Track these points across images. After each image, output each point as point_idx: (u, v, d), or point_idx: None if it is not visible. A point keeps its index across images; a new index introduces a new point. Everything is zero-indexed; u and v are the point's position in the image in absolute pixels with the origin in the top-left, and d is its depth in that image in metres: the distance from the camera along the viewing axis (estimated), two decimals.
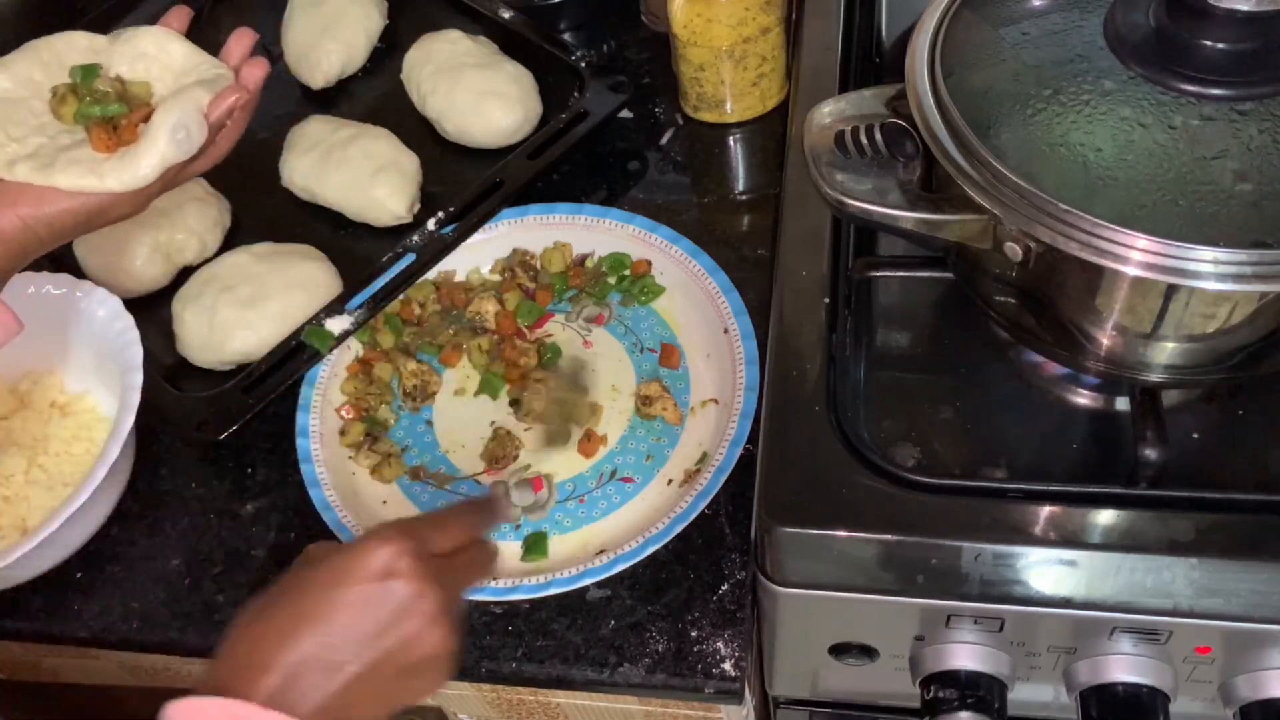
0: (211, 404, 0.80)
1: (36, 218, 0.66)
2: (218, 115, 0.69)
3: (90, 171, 0.66)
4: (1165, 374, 0.67)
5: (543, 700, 0.84)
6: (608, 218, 0.90)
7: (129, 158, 0.67)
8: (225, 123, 0.70)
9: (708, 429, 0.81)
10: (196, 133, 0.68)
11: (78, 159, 0.67)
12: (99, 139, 0.68)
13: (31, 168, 0.66)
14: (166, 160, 0.67)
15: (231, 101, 0.69)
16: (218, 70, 0.72)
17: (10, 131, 0.68)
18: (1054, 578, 0.63)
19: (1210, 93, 0.61)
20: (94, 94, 0.70)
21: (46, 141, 0.68)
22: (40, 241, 0.68)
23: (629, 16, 1.06)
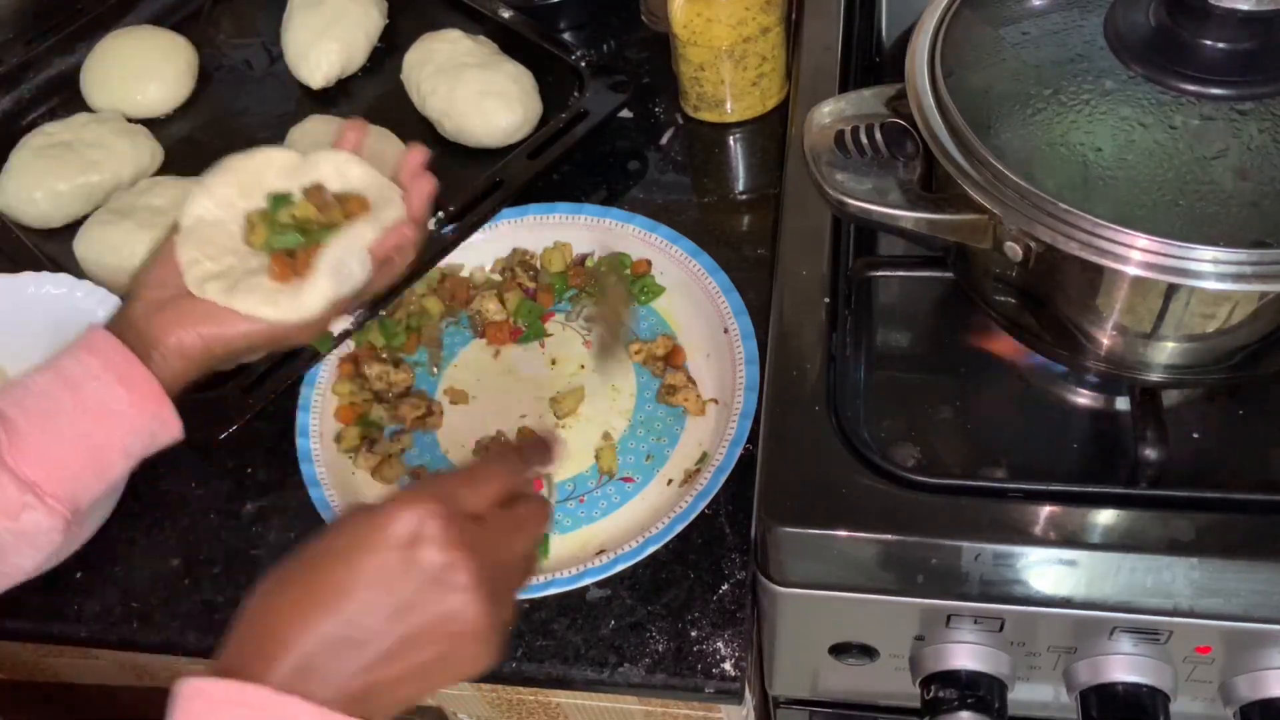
0: (211, 404, 0.80)
1: (215, 338, 0.69)
2: (383, 251, 0.72)
3: (266, 299, 0.69)
4: (1165, 374, 0.67)
5: (543, 700, 0.84)
6: (607, 217, 0.90)
7: (299, 290, 0.70)
8: (393, 256, 0.73)
9: (708, 429, 0.81)
10: (359, 270, 0.71)
11: (258, 285, 0.70)
12: (277, 268, 0.70)
13: (219, 288, 0.69)
14: (329, 296, 0.70)
15: (398, 238, 0.72)
16: (388, 194, 0.74)
17: (207, 251, 0.71)
18: (1054, 578, 0.63)
19: (1210, 92, 0.61)
20: (279, 225, 0.72)
21: (237, 263, 0.71)
22: (215, 359, 0.71)
23: (629, 16, 1.06)
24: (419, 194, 0.75)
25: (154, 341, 0.68)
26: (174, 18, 1.10)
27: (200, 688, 0.49)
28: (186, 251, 0.70)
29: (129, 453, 0.68)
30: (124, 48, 1.04)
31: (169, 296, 0.70)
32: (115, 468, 0.68)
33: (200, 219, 0.72)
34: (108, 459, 0.67)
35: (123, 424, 0.67)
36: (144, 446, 0.69)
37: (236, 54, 1.09)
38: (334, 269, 0.70)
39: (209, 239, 0.71)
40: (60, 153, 0.95)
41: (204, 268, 0.70)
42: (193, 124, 1.04)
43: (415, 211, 0.74)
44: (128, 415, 0.66)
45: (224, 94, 1.06)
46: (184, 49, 1.05)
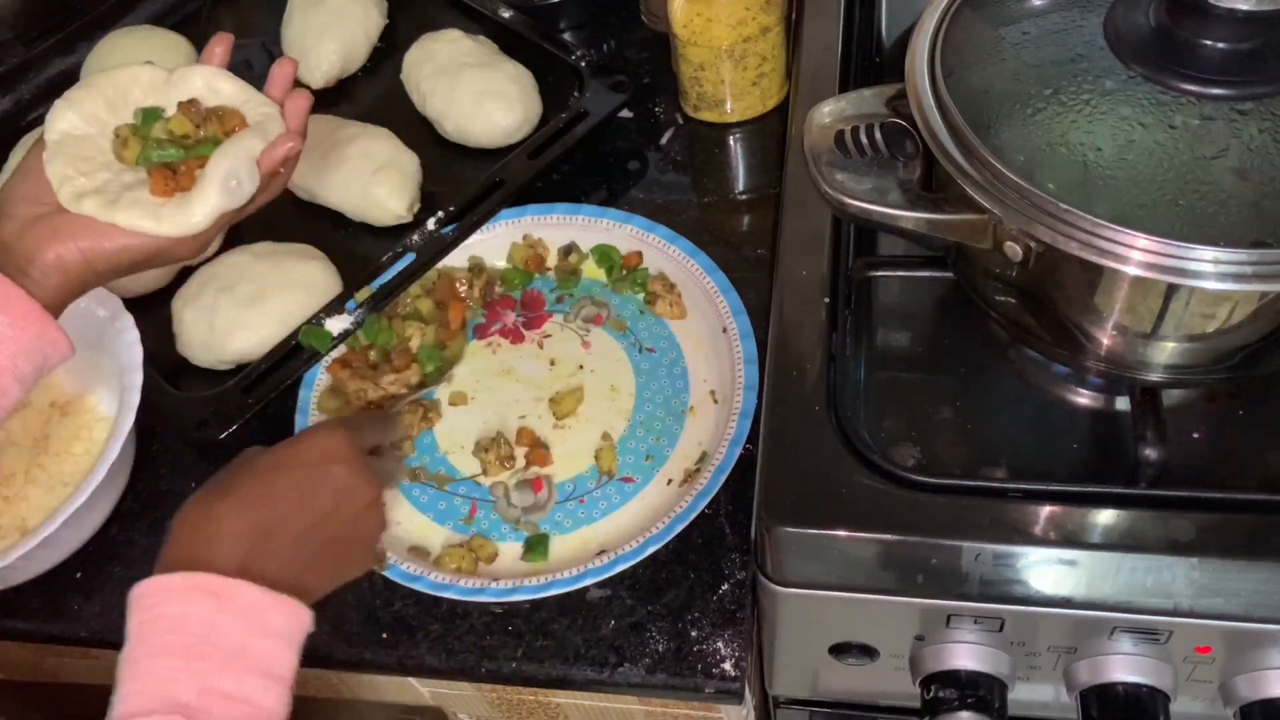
0: (211, 404, 0.80)
1: (96, 252, 0.68)
2: (270, 164, 0.71)
3: (149, 214, 0.68)
4: (1165, 374, 0.67)
5: (543, 700, 0.84)
6: (606, 217, 0.90)
7: (184, 204, 0.69)
8: (279, 170, 0.72)
9: (707, 428, 0.81)
10: (248, 182, 0.70)
11: (139, 199, 0.69)
12: (158, 183, 0.70)
13: (97, 204, 0.68)
14: (218, 209, 0.69)
15: (285, 150, 0.71)
16: (265, 109, 0.73)
17: (78, 166, 0.69)
18: (1054, 577, 0.63)
19: (1210, 92, 0.61)
20: (155, 140, 0.72)
21: (112, 178, 0.70)
22: (97, 275, 0.70)
23: (629, 16, 1.06)
24: (296, 108, 0.74)
25: (30, 259, 0.67)
26: (174, 18, 1.10)
27: (159, 583, 0.58)
28: (56, 168, 0.69)
29: (21, 376, 0.67)
30: (124, 48, 1.03)
31: (42, 213, 0.68)
32: (9, 393, 0.67)
33: (67, 134, 0.71)
34: (1, 384, 0.66)
35: (9, 347, 0.66)
36: (35, 368, 0.68)
37: (236, 54, 1.07)
38: (223, 182, 0.69)
39: (78, 154, 0.70)
40: None
41: (77, 183, 0.68)
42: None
43: (294, 125, 0.74)
44: (10, 338, 0.65)
45: None
46: (184, 49, 1.05)
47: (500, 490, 0.80)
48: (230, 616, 0.57)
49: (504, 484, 0.81)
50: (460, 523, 0.79)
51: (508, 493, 0.80)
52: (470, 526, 0.79)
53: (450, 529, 0.79)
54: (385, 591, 0.76)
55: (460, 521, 0.79)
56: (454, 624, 0.75)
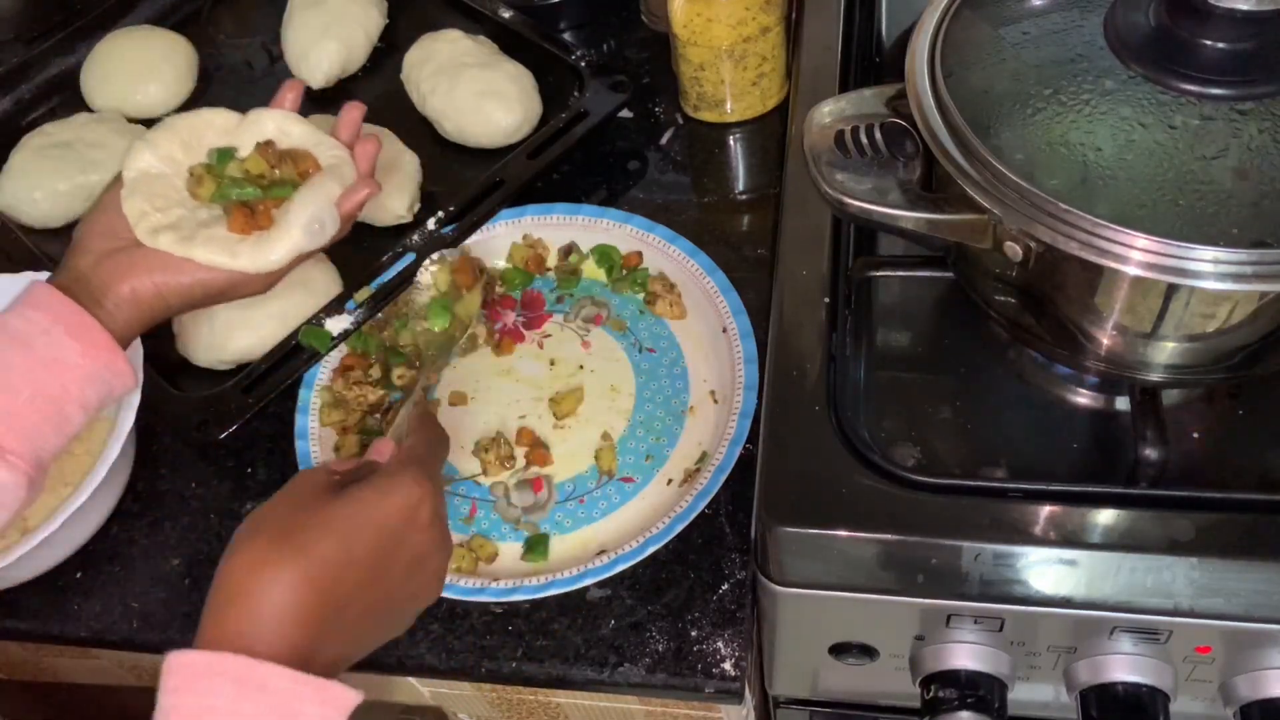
0: (211, 404, 0.80)
1: (170, 286, 0.71)
2: (350, 208, 0.74)
3: (226, 250, 0.71)
4: (1165, 374, 0.67)
5: (543, 700, 0.84)
6: (605, 217, 0.90)
7: (264, 242, 0.72)
8: (355, 214, 0.76)
9: (707, 428, 0.81)
10: (330, 225, 0.74)
11: (215, 236, 0.72)
12: (237, 221, 0.73)
13: (173, 239, 0.70)
14: (298, 249, 0.73)
15: (364, 196, 0.75)
16: (336, 152, 0.77)
17: (154, 203, 0.72)
18: (1054, 577, 0.63)
19: (1210, 92, 0.61)
20: (231, 178, 0.75)
21: (187, 215, 0.73)
22: (169, 309, 0.72)
23: (629, 16, 1.07)
24: (365, 154, 0.78)
25: (104, 291, 0.69)
26: (174, 18, 1.10)
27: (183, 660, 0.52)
28: (134, 204, 0.71)
29: (86, 404, 0.68)
30: (124, 48, 1.04)
31: (119, 247, 0.70)
32: (73, 420, 0.68)
33: (144, 172, 0.73)
34: (65, 412, 0.67)
35: (77, 376, 0.67)
36: (100, 397, 0.69)
37: (236, 54, 1.09)
38: (307, 224, 0.72)
39: (155, 192, 0.73)
40: (60, 153, 0.95)
41: (153, 219, 0.71)
42: None
43: (365, 169, 0.77)
44: (81, 366, 0.67)
45: (224, 94, 1.06)
46: (184, 49, 1.05)
47: (500, 490, 0.80)
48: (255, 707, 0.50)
49: (504, 484, 0.81)
50: (460, 523, 0.79)
51: (508, 493, 0.80)
52: (470, 526, 0.79)
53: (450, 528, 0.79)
54: None
55: (460, 521, 0.79)
56: (454, 624, 0.75)
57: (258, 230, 0.73)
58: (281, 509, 0.57)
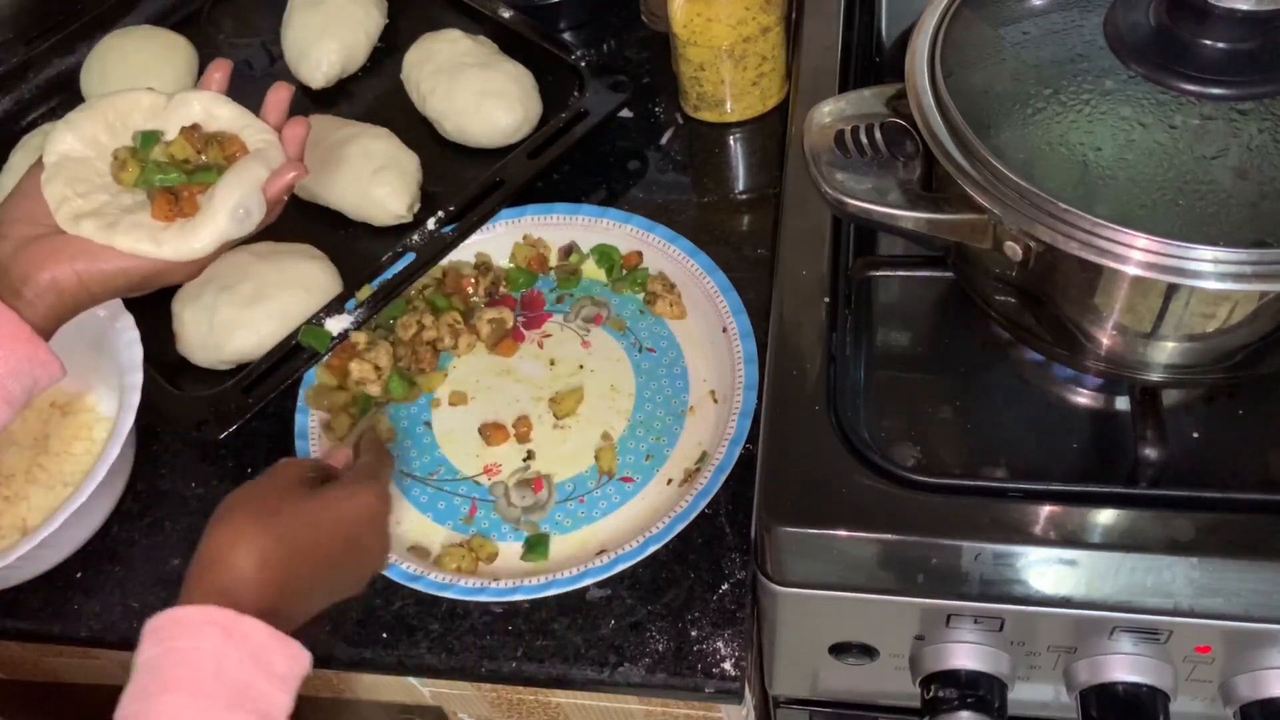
0: (211, 403, 0.80)
1: (92, 274, 0.68)
2: (276, 193, 0.72)
3: (149, 237, 0.68)
4: (1165, 373, 0.67)
5: (543, 700, 0.84)
6: (605, 217, 0.90)
7: (188, 229, 0.69)
8: (283, 198, 0.73)
9: (707, 428, 0.81)
10: (256, 211, 0.71)
11: (139, 222, 0.69)
12: (160, 207, 0.70)
13: (95, 226, 0.68)
14: (223, 237, 0.70)
15: (289, 179, 0.72)
16: (264, 135, 0.73)
17: (75, 188, 0.69)
18: (1054, 577, 0.63)
19: (1210, 92, 0.61)
20: (156, 163, 0.72)
21: (110, 200, 0.70)
22: (92, 297, 0.69)
23: (629, 16, 1.06)
24: (294, 136, 0.74)
25: (24, 280, 0.66)
26: (174, 18, 1.10)
27: (174, 615, 0.58)
28: (55, 189, 0.68)
29: (10, 398, 0.66)
30: (124, 48, 1.03)
31: (39, 234, 0.68)
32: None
33: (65, 156, 0.70)
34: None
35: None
36: (25, 389, 0.67)
37: (236, 54, 1.09)
38: (231, 211, 0.69)
39: (77, 176, 0.70)
40: None
41: (75, 205, 0.68)
42: None
43: (294, 152, 0.74)
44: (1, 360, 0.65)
45: None
46: (184, 49, 1.05)
47: (500, 490, 0.80)
48: (238, 654, 0.57)
49: (504, 484, 0.81)
50: (460, 522, 0.79)
51: (508, 492, 0.80)
52: (470, 526, 0.79)
53: (450, 528, 0.79)
54: (385, 591, 0.76)
55: (460, 521, 0.79)
56: (454, 624, 0.75)
57: (182, 217, 0.70)
58: (264, 490, 0.65)
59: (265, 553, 0.61)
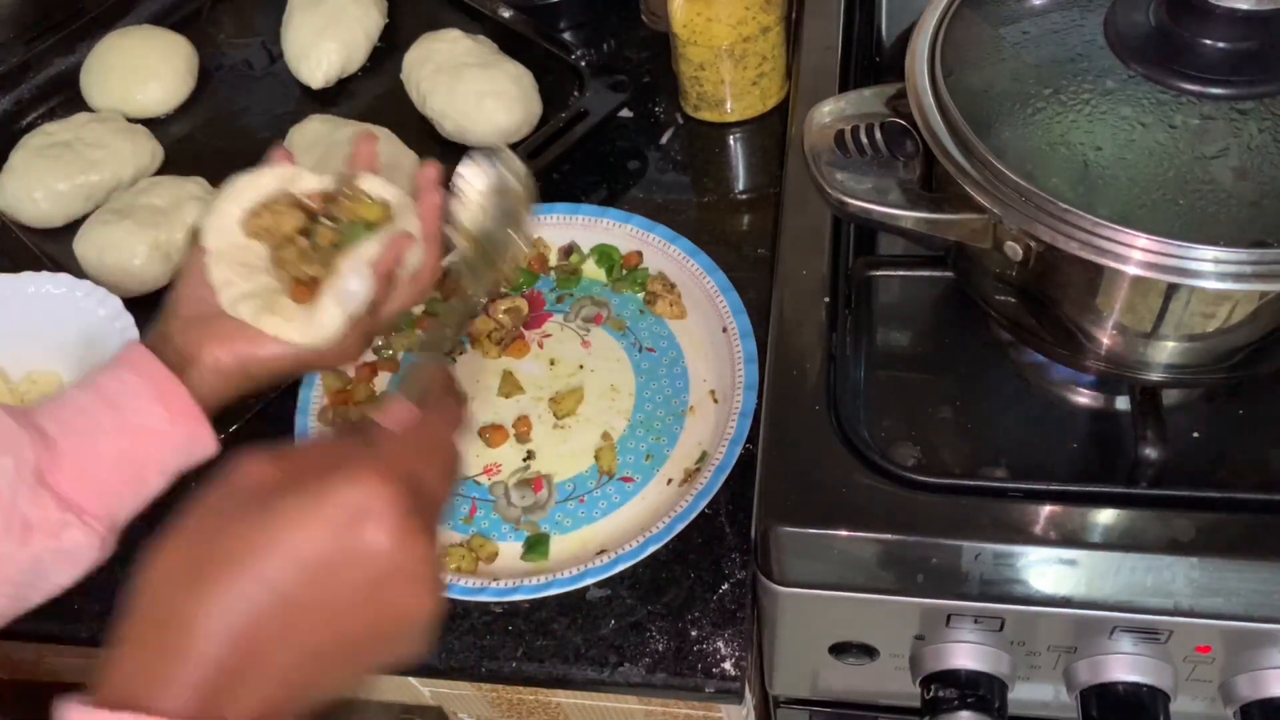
0: None
1: (250, 358, 0.68)
2: (385, 267, 0.69)
3: (285, 321, 0.68)
4: (1165, 373, 0.67)
5: (543, 700, 0.84)
6: (605, 217, 0.90)
7: (312, 313, 0.68)
8: (394, 270, 0.70)
9: (707, 428, 0.81)
10: (359, 287, 0.68)
11: (283, 305, 0.69)
12: (295, 288, 0.69)
13: (251, 309, 0.68)
14: (340, 317, 0.68)
15: (395, 252, 0.69)
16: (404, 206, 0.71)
17: (238, 271, 0.69)
18: (1054, 577, 0.63)
19: (1210, 92, 0.61)
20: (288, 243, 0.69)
21: (270, 283, 0.69)
22: (251, 380, 0.69)
23: (629, 16, 1.06)
24: (427, 206, 0.71)
25: (190, 359, 0.67)
26: (174, 17, 1.10)
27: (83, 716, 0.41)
28: (219, 272, 0.69)
29: (166, 470, 0.67)
30: (124, 48, 1.04)
31: (205, 314, 0.68)
32: (152, 485, 0.67)
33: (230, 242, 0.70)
34: (145, 477, 0.67)
35: (162, 442, 0.66)
36: (180, 464, 0.68)
37: (236, 54, 1.09)
38: (337, 291, 0.68)
39: (241, 259, 0.70)
40: (60, 152, 0.95)
41: (238, 288, 0.68)
42: (193, 124, 1.04)
43: (426, 225, 0.71)
44: (167, 434, 0.66)
45: (224, 94, 1.06)
46: (184, 49, 1.05)
47: (500, 490, 0.80)
48: None
49: (504, 484, 0.81)
50: (460, 522, 0.79)
51: (508, 492, 0.80)
52: (470, 526, 0.79)
53: (450, 528, 0.79)
54: None
55: (460, 521, 0.79)
56: (454, 624, 0.75)
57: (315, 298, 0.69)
58: (203, 522, 0.47)
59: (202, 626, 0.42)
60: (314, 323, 0.68)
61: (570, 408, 0.83)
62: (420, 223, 0.71)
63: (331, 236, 0.70)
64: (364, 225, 0.70)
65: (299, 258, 0.69)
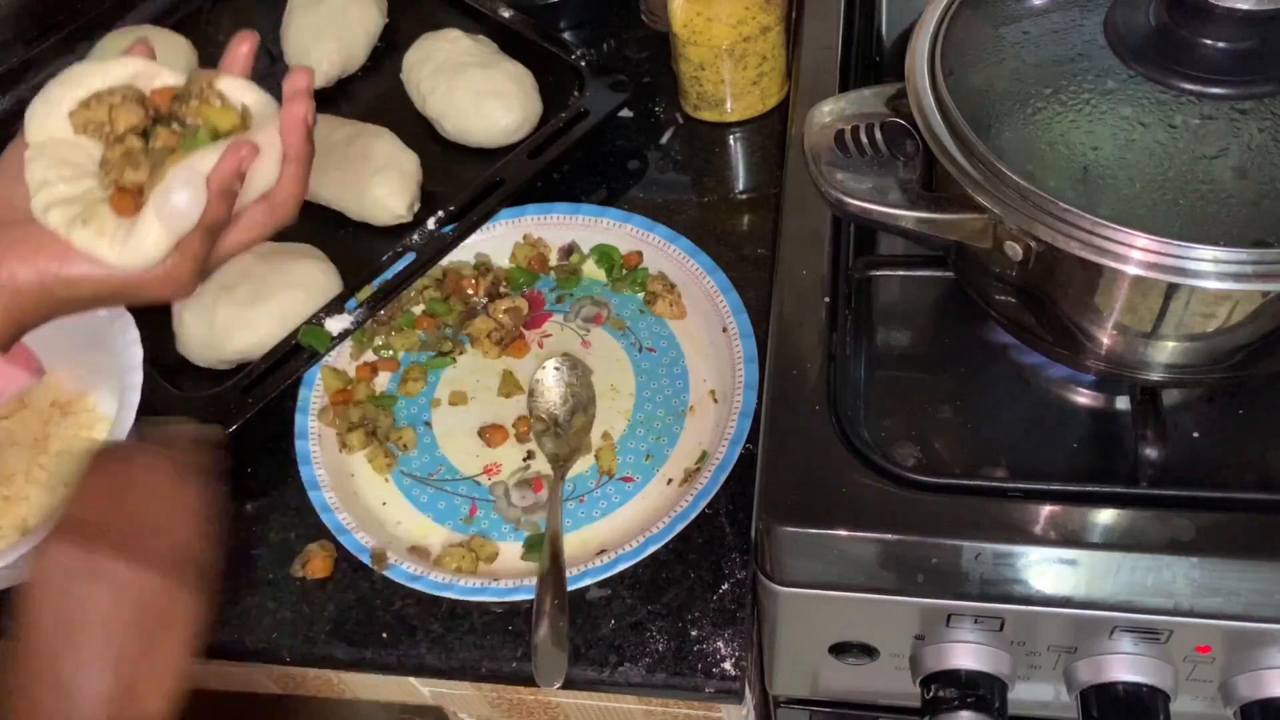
0: (211, 403, 0.80)
1: (54, 276, 0.57)
2: (222, 179, 0.58)
3: (102, 235, 0.57)
4: (1165, 373, 0.67)
5: (543, 700, 0.84)
6: (605, 217, 0.90)
7: (134, 230, 0.57)
8: (234, 187, 0.59)
9: (707, 428, 0.81)
10: (186, 204, 0.57)
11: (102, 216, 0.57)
12: (118, 197, 0.58)
13: (62, 216, 0.57)
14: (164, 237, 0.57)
15: (232, 164, 0.57)
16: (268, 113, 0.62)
17: (61, 170, 0.58)
18: (1054, 577, 0.63)
19: (1210, 91, 0.61)
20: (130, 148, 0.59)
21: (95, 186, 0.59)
22: (57, 303, 0.59)
23: (629, 16, 1.06)
24: (291, 118, 0.60)
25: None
26: (174, 17, 1.10)
27: None
28: (36, 170, 0.58)
29: None
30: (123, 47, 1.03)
31: (11, 219, 0.58)
32: None
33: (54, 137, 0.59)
34: None
35: None
36: None
37: None
38: (159, 203, 0.56)
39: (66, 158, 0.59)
40: None
41: (55, 191, 0.57)
42: None
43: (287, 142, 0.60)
44: None
45: None
46: (184, 49, 1.05)
47: (500, 490, 0.80)
48: None
49: (504, 484, 0.81)
50: (460, 522, 0.79)
51: (508, 492, 0.80)
52: (470, 526, 0.79)
53: (450, 529, 0.79)
54: (385, 591, 0.76)
55: (460, 521, 0.79)
56: (454, 624, 0.75)
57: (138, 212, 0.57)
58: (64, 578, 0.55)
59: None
60: (132, 240, 0.57)
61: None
62: (281, 137, 0.61)
63: (171, 140, 0.59)
64: (211, 132, 0.59)
65: (124, 159, 0.58)
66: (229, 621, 0.76)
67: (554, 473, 0.79)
